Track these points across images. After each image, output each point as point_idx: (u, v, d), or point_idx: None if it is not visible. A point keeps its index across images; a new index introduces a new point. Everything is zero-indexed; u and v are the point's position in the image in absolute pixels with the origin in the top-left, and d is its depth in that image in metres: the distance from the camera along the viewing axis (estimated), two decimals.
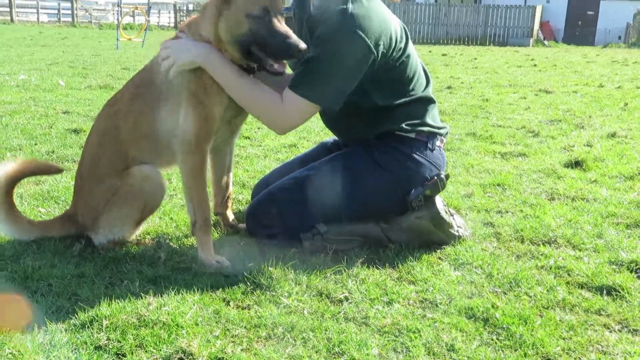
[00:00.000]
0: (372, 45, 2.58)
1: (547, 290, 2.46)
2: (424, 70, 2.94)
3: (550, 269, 2.67)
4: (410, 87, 2.82)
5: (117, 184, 2.64)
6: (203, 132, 2.58)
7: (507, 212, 3.44)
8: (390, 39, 2.67)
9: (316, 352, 1.98)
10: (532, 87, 9.90)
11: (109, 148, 2.69)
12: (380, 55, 2.63)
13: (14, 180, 2.68)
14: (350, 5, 2.60)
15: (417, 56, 2.90)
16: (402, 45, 2.76)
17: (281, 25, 2.46)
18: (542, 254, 2.83)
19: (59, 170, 2.93)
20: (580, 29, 36.14)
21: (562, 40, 34.55)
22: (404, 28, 2.84)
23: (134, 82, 2.75)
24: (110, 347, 1.95)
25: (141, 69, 2.82)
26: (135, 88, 2.72)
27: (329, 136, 3.05)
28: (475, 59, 17.45)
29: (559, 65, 15.34)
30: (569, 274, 2.62)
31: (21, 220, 2.73)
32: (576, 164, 4.50)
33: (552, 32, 34.81)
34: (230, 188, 3.05)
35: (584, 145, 5.33)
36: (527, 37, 30.69)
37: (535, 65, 15.13)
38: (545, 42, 31.46)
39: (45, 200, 3.37)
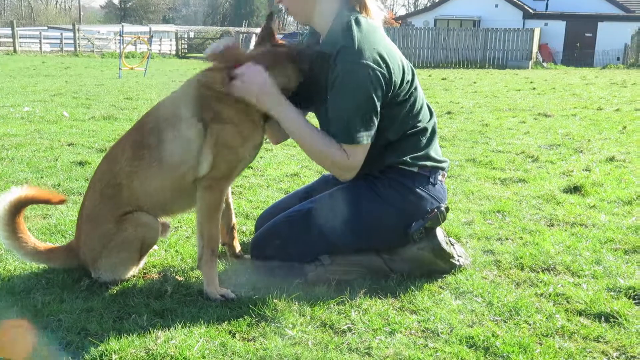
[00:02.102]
0: (378, 68, 2.64)
1: (547, 318, 2.51)
2: (429, 107, 3.01)
3: (550, 296, 2.72)
4: (419, 119, 2.89)
5: (113, 230, 2.69)
6: (228, 173, 2.71)
7: (507, 239, 3.49)
8: (399, 67, 2.76)
9: None
10: (531, 111, 10.00)
11: (109, 200, 2.72)
12: (392, 78, 2.70)
13: (19, 205, 2.76)
14: (351, 41, 2.65)
15: (422, 92, 2.97)
16: (410, 78, 2.83)
17: None
18: (541, 281, 2.88)
19: (62, 201, 2.96)
20: (578, 50, 36.46)
21: (560, 62, 34.84)
22: (410, 65, 2.92)
23: (136, 141, 2.75)
24: None
25: (142, 123, 2.81)
26: (139, 149, 2.72)
27: None
28: (475, 82, 17.60)
29: (558, 88, 15.47)
30: (567, 301, 2.67)
31: (27, 245, 2.78)
32: (575, 189, 4.57)
33: (551, 54, 35.11)
34: (234, 219, 3.11)
35: (583, 170, 5.39)
36: (526, 59, 30.96)
37: (534, 88, 15.26)
38: (544, 64, 31.71)
39: (53, 235, 3.43)
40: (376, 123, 2.72)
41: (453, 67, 30.19)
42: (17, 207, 2.76)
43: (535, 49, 32.20)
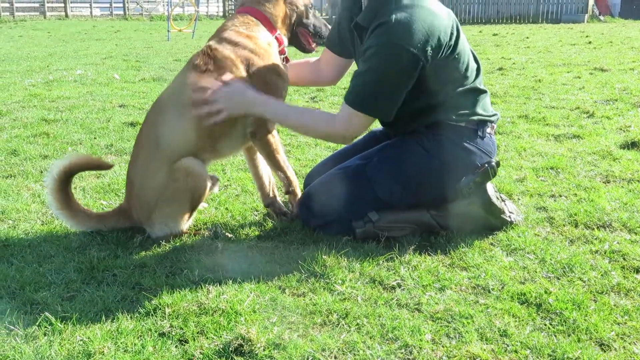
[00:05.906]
0: (418, 53, 2.57)
1: (602, 275, 2.45)
2: (476, 61, 2.91)
3: (605, 253, 2.66)
4: (460, 84, 2.82)
5: (165, 180, 2.74)
6: None
7: (560, 196, 3.41)
8: (439, 40, 2.63)
9: (370, 338, 2.03)
10: (586, 66, 9.67)
11: (160, 149, 2.77)
12: (429, 60, 2.62)
13: (68, 174, 2.78)
14: (394, 17, 2.58)
15: (468, 47, 2.86)
16: (452, 42, 2.71)
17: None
18: (596, 238, 2.81)
19: (108, 167, 3.04)
20: (638, 2, 34.90)
21: (618, 15, 33.44)
22: (456, 23, 2.78)
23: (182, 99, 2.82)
24: (173, 334, 2.04)
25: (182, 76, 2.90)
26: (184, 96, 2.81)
27: (379, 125, 3.08)
28: (528, 37, 17.10)
29: (615, 41, 14.90)
30: (624, 258, 2.60)
31: (77, 212, 2.83)
32: (632, 145, 4.42)
33: (608, 7, 33.72)
34: (272, 178, 3.15)
35: None
36: (582, 13, 29.79)
37: (590, 42, 14.74)
38: (601, 18, 30.52)
39: (106, 193, 3.51)
40: (393, 102, 2.71)
41: (505, 23, 29.33)
42: (68, 176, 2.79)
43: (591, 1, 30.97)
